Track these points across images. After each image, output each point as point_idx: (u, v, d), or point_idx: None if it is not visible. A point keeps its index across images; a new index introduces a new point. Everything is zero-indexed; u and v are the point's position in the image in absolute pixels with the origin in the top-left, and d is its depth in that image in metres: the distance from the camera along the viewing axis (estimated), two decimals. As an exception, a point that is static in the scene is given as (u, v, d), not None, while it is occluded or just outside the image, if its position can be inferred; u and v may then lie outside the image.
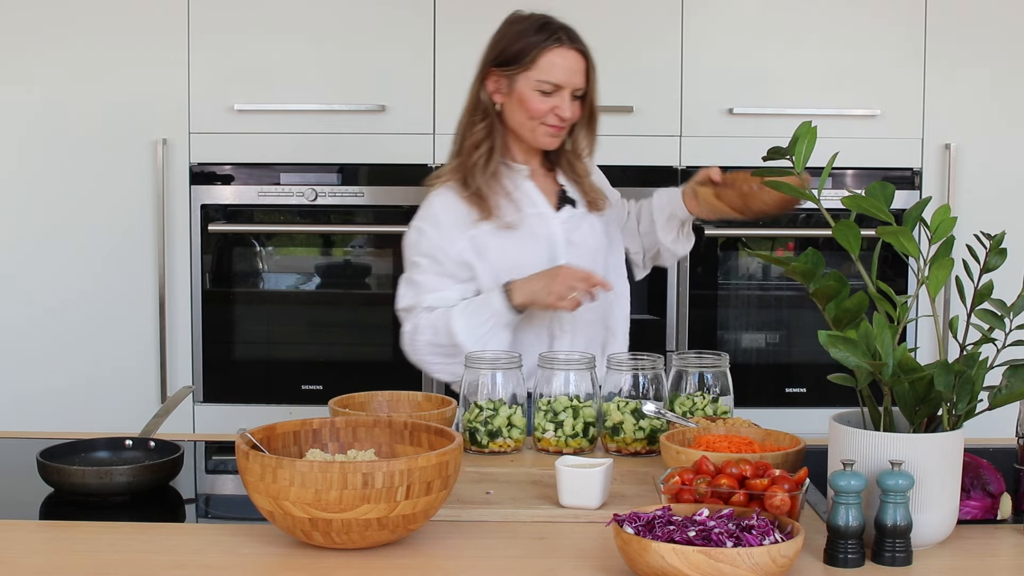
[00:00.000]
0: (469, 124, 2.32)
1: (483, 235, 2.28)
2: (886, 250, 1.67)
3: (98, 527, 1.64)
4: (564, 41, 2.24)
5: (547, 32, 2.25)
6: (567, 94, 2.25)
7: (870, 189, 1.58)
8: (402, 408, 2.09)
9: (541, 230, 2.31)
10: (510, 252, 2.27)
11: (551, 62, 2.24)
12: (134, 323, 3.26)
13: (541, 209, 2.33)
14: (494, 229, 2.28)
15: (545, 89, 2.24)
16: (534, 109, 2.25)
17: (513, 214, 2.29)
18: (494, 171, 2.29)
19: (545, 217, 2.32)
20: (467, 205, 2.28)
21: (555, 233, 2.32)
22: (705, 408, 2.07)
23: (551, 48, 2.24)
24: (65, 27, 3.22)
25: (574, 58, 2.25)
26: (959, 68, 3.24)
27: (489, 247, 2.28)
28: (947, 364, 1.48)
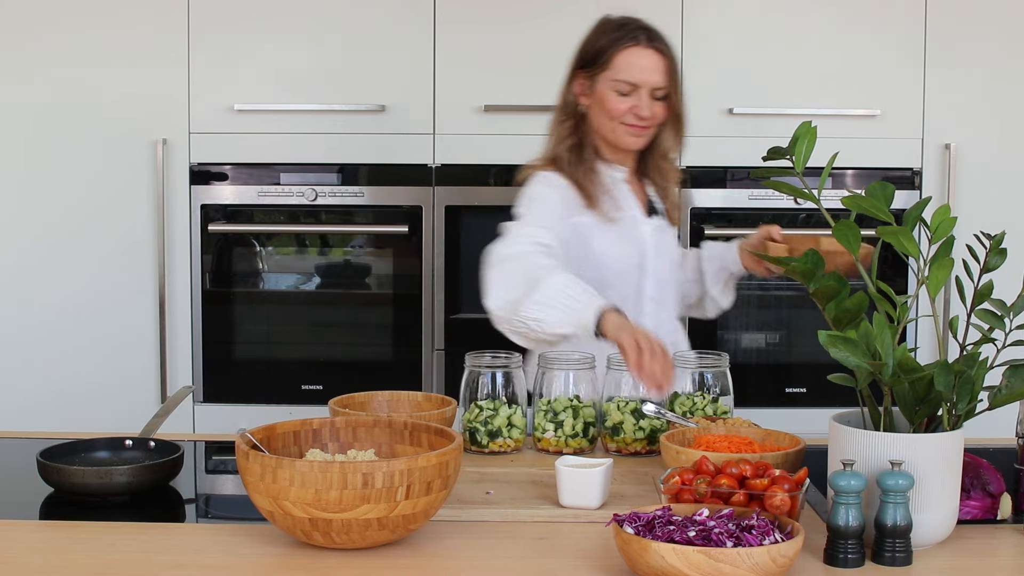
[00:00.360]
0: (556, 123, 2.35)
1: (586, 225, 2.27)
2: (886, 250, 1.67)
3: (98, 527, 1.64)
4: (641, 40, 2.25)
5: (624, 31, 2.26)
6: (645, 93, 2.24)
7: (870, 189, 1.58)
8: (402, 408, 2.09)
9: (635, 233, 2.32)
10: (612, 247, 2.29)
11: (627, 61, 2.24)
12: (134, 323, 3.26)
13: (635, 213, 2.34)
14: (597, 221, 2.28)
15: (622, 89, 2.24)
16: (612, 109, 2.25)
17: (614, 210, 2.30)
18: (591, 166, 2.30)
19: (638, 221, 2.33)
20: (573, 191, 2.28)
21: (646, 239, 2.32)
22: (705, 408, 2.07)
23: (627, 47, 2.24)
24: (65, 27, 3.22)
25: (652, 57, 2.24)
26: (959, 68, 3.24)
27: (592, 237, 2.27)
28: (947, 364, 1.48)
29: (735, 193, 3.25)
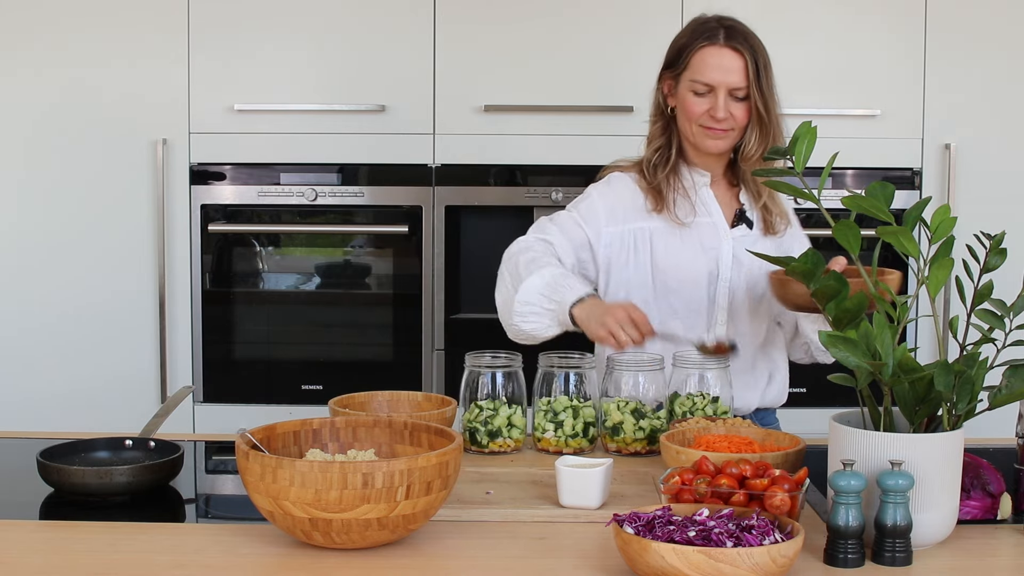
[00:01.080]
0: (650, 125, 2.33)
1: (653, 229, 2.25)
2: (886, 250, 1.67)
3: (98, 527, 1.64)
4: (717, 39, 2.19)
5: (702, 31, 2.22)
6: (722, 94, 2.18)
7: (870, 189, 1.58)
8: (402, 408, 2.09)
9: (711, 241, 2.26)
10: (679, 254, 2.24)
11: (703, 61, 2.20)
12: (134, 323, 3.26)
13: (715, 220, 2.27)
14: (666, 224, 2.25)
15: (698, 90, 2.20)
16: (689, 110, 2.21)
17: (687, 215, 2.25)
18: (674, 169, 2.27)
19: (718, 229, 2.26)
20: (643, 195, 2.27)
21: (724, 248, 2.25)
22: (705, 408, 2.07)
23: (703, 47, 2.20)
24: (65, 27, 3.22)
25: (728, 56, 2.18)
26: (959, 68, 3.24)
27: (657, 243, 2.25)
28: (947, 364, 1.48)
29: (735, 193, 3.25)
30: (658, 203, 2.24)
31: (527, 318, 2.13)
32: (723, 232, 2.26)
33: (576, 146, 3.04)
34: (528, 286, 2.11)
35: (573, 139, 3.21)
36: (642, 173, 2.28)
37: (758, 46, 2.22)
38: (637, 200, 2.27)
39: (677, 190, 2.26)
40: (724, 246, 2.26)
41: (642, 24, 3.24)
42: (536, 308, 2.11)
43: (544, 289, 2.10)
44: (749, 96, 2.20)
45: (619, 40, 3.21)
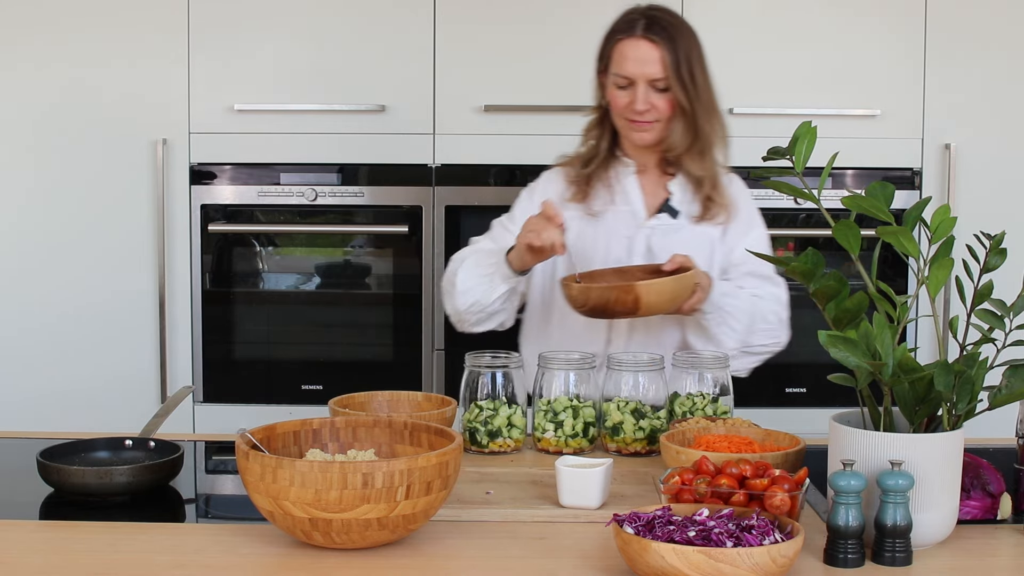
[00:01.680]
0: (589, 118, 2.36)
1: (568, 218, 2.26)
2: (886, 250, 1.67)
3: (98, 527, 1.64)
4: (634, 31, 2.20)
5: (623, 23, 2.23)
6: (641, 86, 2.20)
7: (870, 189, 1.58)
8: (402, 408, 2.09)
9: (625, 230, 2.29)
10: (586, 241, 2.28)
11: (621, 54, 2.21)
12: (134, 323, 3.26)
13: (634, 208, 2.31)
14: (580, 214, 2.30)
15: (620, 83, 2.22)
16: (614, 104, 2.24)
17: (603, 204, 2.30)
18: (604, 160, 2.31)
19: (635, 217, 2.30)
20: (566, 185, 2.33)
21: (638, 236, 2.28)
22: (705, 408, 2.07)
23: (620, 40, 2.22)
24: (65, 27, 3.22)
25: (645, 48, 2.19)
26: (959, 68, 3.24)
27: (570, 231, 2.26)
28: (947, 364, 1.48)
29: (735, 193, 3.25)
30: (577, 194, 2.30)
31: (470, 292, 2.22)
32: (639, 220, 2.30)
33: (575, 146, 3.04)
34: (463, 271, 2.24)
35: (573, 139, 3.20)
36: (574, 165, 2.34)
37: (680, 37, 2.20)
38: (560, 190, 2.33)
39: (601, 180, 2.30)
40: (639, 234, 2.29)
41: (642, 24, 3.23)
42: (476, 280, 2.22)
43: (477, 263, 2.23)
44: (670, 88, 2.20)
45: (619, 40, 3.21)
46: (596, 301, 2.03)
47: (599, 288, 2.03)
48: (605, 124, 2.33)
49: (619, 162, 2.33)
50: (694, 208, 2.29)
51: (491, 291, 2.22)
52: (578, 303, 2.07)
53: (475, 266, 2.24)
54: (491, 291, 2.22)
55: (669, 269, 2.11)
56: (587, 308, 2.06)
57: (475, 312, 2.26)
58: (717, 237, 2.30)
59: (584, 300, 2.05)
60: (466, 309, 2.25)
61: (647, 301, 2.02)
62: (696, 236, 2.28)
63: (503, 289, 2.22)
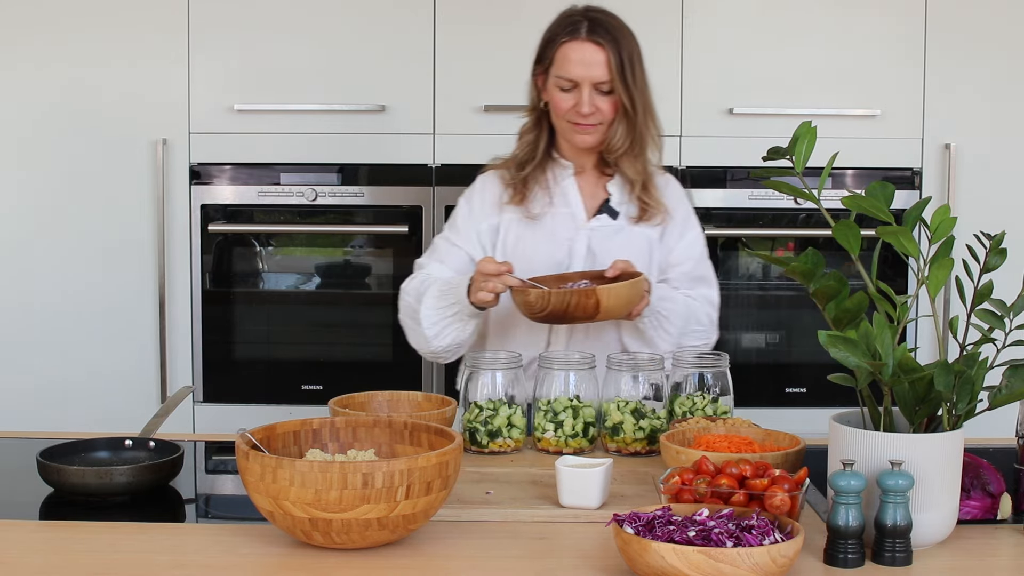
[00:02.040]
0: (526, 118, 2.34)
1: (507, 221, 2.28)
2: (886, 250, 1.67)
3: (98, 527, 1.64)
4: (579, 33, 2.19)
5: (565, 25, 2.21)
6: (586, 89, 2.19)
7: (870, 189, 1.58)
8: (402, 408, 2.09)
9: (565, 232, 2.27)
10: (527, 244, 2.27)
11: (565, 56, 2.19)
12: (134, 323, 3.26)
13: (573, 210, 2.29)
14: (519, 217, 2.28)
15: (563, 85, 2.20)
16: (557, 106, 2.23)
17: (542, 207, 2.28)
18: (540, 162, 2.29)
19: (575, 219, 2.28)
20: (503, 188, 2.30)
21: (578, 238, 2.27)
22: (705, 408, 2.07)
23: (565, 42, 2.19)
24: (65, 27, 3.22)
25: (590, 51, 2.17)
26: (959, 68, 3.24)
27: (509, 233, 2.27)
28: (947, 364, 1.48)
29: (735, 193, 3.25)
30: (515, 196, 2.28)
31: (443, 336, 2.18)
32: (580, 222, 2.28)
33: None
34: (425, 311, 2.18)
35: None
36: (510, 168, 2.31)
37: (623, 39, 2.20)
38: (497, 194, 2.31)
39: (539, 182, 2.28)
40: (579, 236, 2.27)
41: (642, 24, 3.22)
42: (444, 322, 2.17)
43: (438, 302, 2.17)
44: (614, 90, 2.19)
45: (619, 40, 3.21)
46: (556, 306, 2.01)
47: (559, 293, 2.01)
48: (542, 125, 2.30)
49: (556, 164, 2.31)
50: (632, 209, 2.29)
51: (464, 329, 2.18)
52: (536, 308, 2.04)
53: (437, 308, 2.17)
54: (464, 329, 2.18)
55: (612, 275, 2.11)
56: (545, 313, 2.04)
57: (454, 350, 2.23)
58: (656, 238, 2.30)
59: (543, 305, 2.02)
60: (444, 349, 2.21)
61: (606, 305, 2.01)
62: (636, 237, 2.28)
63: (473, 325, 2.19)
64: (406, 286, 2.28)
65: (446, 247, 2.32)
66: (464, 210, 2.34)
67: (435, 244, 2.35)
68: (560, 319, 2.05)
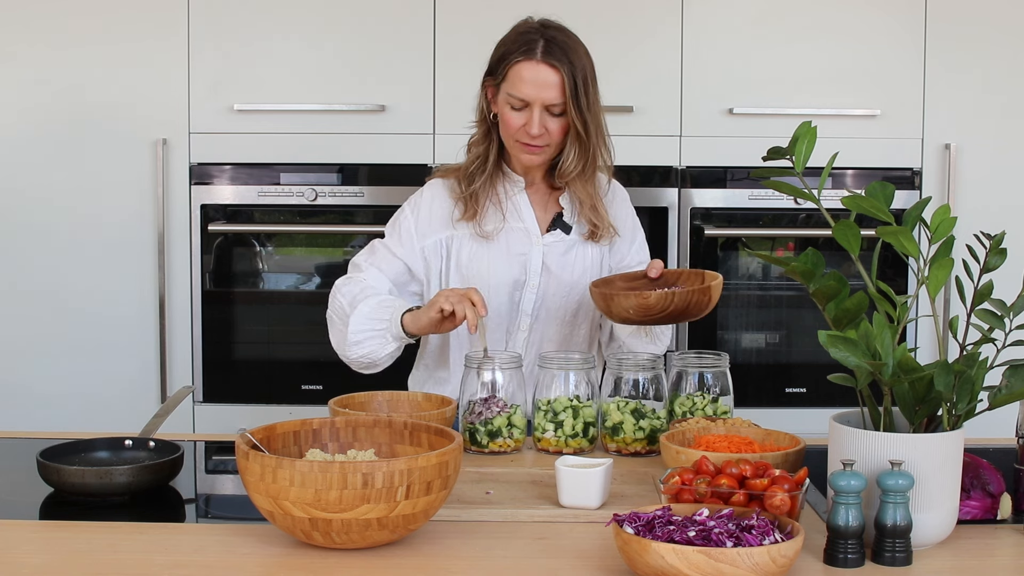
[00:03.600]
0: (477, 129, 2.31)
1: (459, 237, 2.26)
2: (886, 250, 1.68)
3: (98, 527, 1.64)
4: (534, 54, 2.13)
5: (521, 43, 2.16)
6: (537, 110, 2.14)
7: (870, 189, 1.58)
8: (402, 408, 2.09)
9: (519, 247, 2.26)
10: (481, 261, 2.25)
11: (518, 75, 2.14)
12: (134, 323, 3.26)
13: (527, 225, 2.27)
14: (471, 234, 2.25)
15: (514, 104, 2.16)
16: (507, 123, 2.18)
17: (495, 223, 2.25)
18: (491, 175, 2.26)
19: (529, 235, 2.26)
20: (453, 203, 2.27)
21: (533, 254, 2.25)
22: (705, 408, 2.07)
23: (519, 61, 2.14)
24: (65, 26, 3.22)
25: (545, 72, 2.12)
26: (959, 68, 3.24)
27: (462, 251, 2.26)
28: (947, 364, 1.48)
29: (735, 193, 3.25)
30: (467, 212, 2.25)
31: (362, 345, 2.17)
32: (534, 238, 2.26)
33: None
34: (356, 317, 2.16)
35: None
36: (459, 180, 2.28)
37: (579, 60, 2.15)
38: (447, 208, 2.28)
39: (490, 197, 2.25)
40: (534, 252, 2.25)
41: (642, 24, 3.24)
42: (369, 333, 2.16)
43: (371, 314, 2.16)
44: (566, 112, 2.15)
45: (618, 40, 3.21)
46: (678, 305, 2.01)
47: (682, 293, 2.01)
48: (491, 136, 2.27)
49: (507, 177, 2.28)
50: (583, 227, 2.28)
51: (383, 347, 2.17)
52: (654, 310, 2.01)
53: (368, 318, 2.16)
54: (383, 347, 2.17)
55: (655, 275, 2.13)
56: (664, 314, 2.02)
57: (364, 363, 2.22)
58: (606, 250, 2.30)
59: (665, 305, 2.01)
60: (356, 359, 2.20)
61: (714, 301, 2.05)
62: (589, 250, 2.28)
63: (394, 347, 2.18)
64: (341, 287, 2.25)
65: (386, 255, 2.29)
66: (410, 221, 2.29)
67: (375, 247, 2.31)
68: (675, 318, 2.05)
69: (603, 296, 2.06)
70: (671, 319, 2.05)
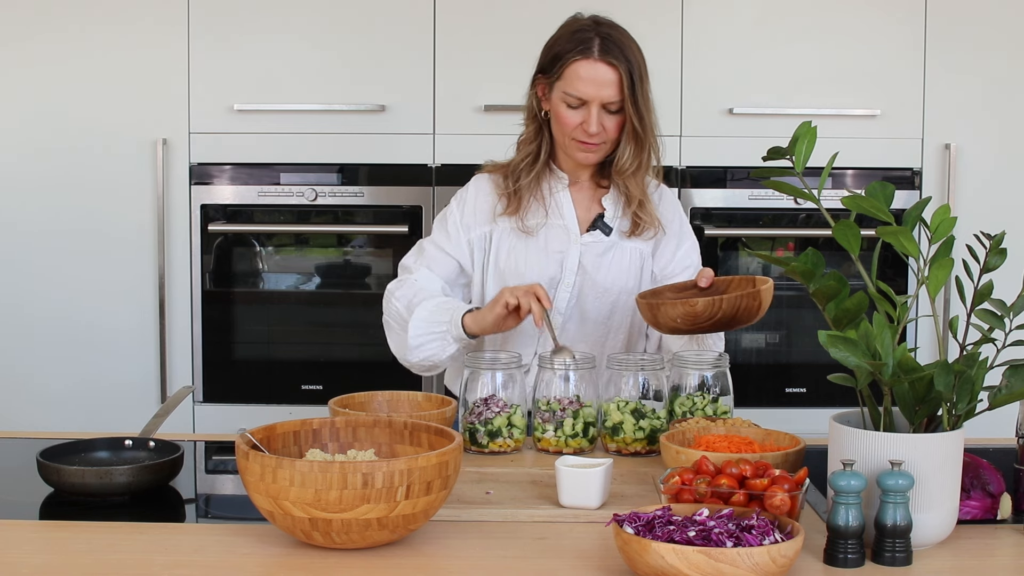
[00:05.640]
0: (525, 126, 2.31)
1: (500, 231, 2.26)
2: (886, 250, 1.68)
3: (98, 527, 1.64)
4: (591, 53, 2.13)
5: (576, 41, 2.16)
6: (595, 108, 2.15)
7: (870, 189, 1.58)
8: (402, 408, 2.09)
9: (558, 245, 2.25)
10: (519, 257, 2.25)
11: (576, 74, 2.15)
12: (134, 323, 3.27)
13: (567, 223, 2.26)
14: (512, 228, 2.26)
15: (571, 103, 2.16)
16: (563, 122, 2.19)
17: (537, 219, 2.25)
18: (538, 173, 2.26)
19: (568, 232, 2.26)
20: (497, 197, 2.28)
21: (571, 252, 2.25)
22: (705, 408, 2.07)
23: (576, 60, 2.14)
24: (65, 27, 3.22)
25: (603, 71, 2.13)
26: (959, 68, 3.24)
27: (502, 245, 2.26)
28: (947, 364, 1.48)
29: (735, 193, 3.25)
30: (510, 207, 2.25)
31: (423, 348, 2.18)
32: (573, 236, 2.26)
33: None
34: (415, 322, 2.17)
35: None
36: (505, 175, 2.29)
37: (634, 57, 2.16)
38: (491, 202, 2.29)
39: (534, 194, 2.26)
40: (571, 250, 2.25)
41: (642, 24, 3.22)
42: (429, 336, 2.17)
43: (430, 317, 2.17)
44: (623, 109, 2.16)
45: (619, 40, 3.21)
46: (727, 311, 1.97)
47: (730, 298, 1.96)
48: (542, 135, 2.27)
49: (553, 175, 2.28)
50: (625, 224, 2.27)
51: (444, 350, 2.17)
52: (702, 318, 1.97)
53: (427, 322, 2.16)
54: (444, 350, 2.17)
55: (705, 284, 2.09)
56: (712, 321, 1.98)
57: (426, 366, 2.23)
58: (648, 253, 2.29)
59: (712, 313, 1.97)
60: (418, 363, 2.21)
61: (764, 306, 1.99)
62: (627, 252, 2.27)
63: (454, 348, 2.18)
64: (394, 291, 2.25)
65: (435, 253, 2.29)
66: (456, 215, 2.31)
67: (423, 247, 2.32)
68: (724, 325, 2.01)
69: (649, 306, 2.03)
70: (720, 327, 2.01)
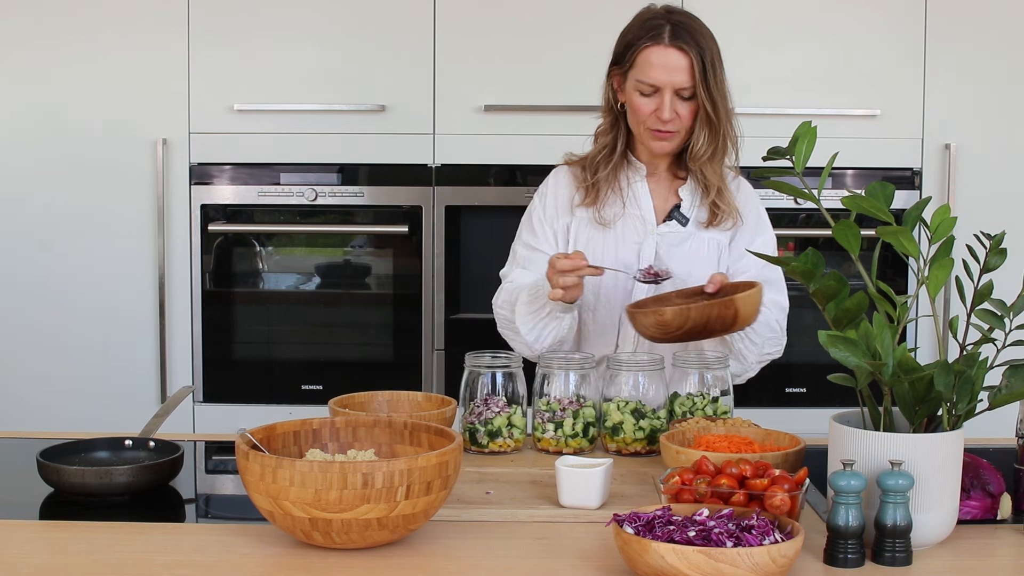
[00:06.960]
0: (602, 118, 2.31)
1: (578, 222, 2.27)
2: (886, 250, 1.68)
3: (98, 527, 1.64)
4: (661, 39, 2.14)
5: (647, 29, 2.16)
6: (667, 95, 2.14)
7: (870, 189, 1.58)
8: (402, 408, 2.09)
9: (635, 236, 2.25)
10: (596, 247, 2.25)
11: (647, 61, 2.15)
12: (134, 323, 3.26)
13: (644, 214, 2.26)
14: (589, 220, 2.26)
15: (644, 90, 2.16)
16: (637, 110, 2.19)
17: (614, 210, 2.25)
18: (615, 165, 2.26)
19: (644, 223, 2.26)
20: (575, 189, 2.29)
21: (647, 243, 2.25)
22: (705, 408, 2.07)
23: (647, 47, 2.15)
24: (65, 26, 3.22)
25: (674, 56, 2.13)
26: (959, 68, 3.24)
27: (579, 236, 2.26)
28: (947, 364, 1.48)
29: (735, 193, 3.25)
30: (587, 198, 2.26)
31: (543, 337, 2.17)
32: (649, 227, 2.27)
33: (576, 146, 3.06)
34: (520, 318, 2.17)
35: (573, 139, 3.21)
36: (583, 167, 2.30)
37: (706, 43, 2.17)
38: (569, 194, 2.30)
39: (612, 185, 2.26)
40: (648, 241, 2.25)
41: (642, 24, 3.23)
42: (539, 324, 2.16)
43: (530, 306, 2.16)
44: (696, 96, 2.16)
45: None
46: (696, 320, 1.93)
47: (699, 307, 1.93)
48: (619, 126, 2.27)
49: (630, 166, 2.29)
50: (702, 214, 2.26)
51: (560, 326, 2.16)
52: (672, 327, 1.95)
53: (530, 313, 2.15)
54: (560, 326, 2.16)
55: (712, 290, 2.06)
56: (683, 331, 1.95)
57: (558, 347, 2.21)
58: (725, 244, 2.28)
59: (681, 323, 1.94)
60: (549, 347, 2.19)
61: (744, 314, 1.94)
62: (704, 243, 2.26)
63: (568, 319, 2.16)
64: (497, 300, 2.27)
65: (526, 253, 2.30)
66: (539, 210, 2.32)
67: (514, 251, 2.33)
68: (697, 335, 1.97)
69: (630, 315, 2.03)
70: (695, 336, 1.98)
